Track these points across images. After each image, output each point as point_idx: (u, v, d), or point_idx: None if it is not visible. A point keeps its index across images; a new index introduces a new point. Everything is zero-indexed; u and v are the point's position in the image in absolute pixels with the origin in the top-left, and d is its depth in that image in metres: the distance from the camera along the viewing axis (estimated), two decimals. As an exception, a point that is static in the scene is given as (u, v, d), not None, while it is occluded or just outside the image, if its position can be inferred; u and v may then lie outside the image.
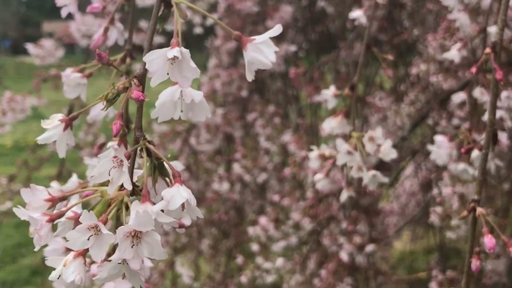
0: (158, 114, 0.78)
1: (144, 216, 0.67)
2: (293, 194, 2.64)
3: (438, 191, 2.11)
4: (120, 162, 0.73)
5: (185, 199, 0.71)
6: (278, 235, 2.60)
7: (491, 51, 1.12)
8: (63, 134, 0.80)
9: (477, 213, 1.07)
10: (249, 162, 2.97)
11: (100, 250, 0.69)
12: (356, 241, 2.24)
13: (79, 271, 0.70)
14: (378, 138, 1.35)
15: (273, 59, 0.79)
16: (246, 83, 3.11)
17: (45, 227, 0.73)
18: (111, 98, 0.77)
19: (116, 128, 0.74)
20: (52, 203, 0.78)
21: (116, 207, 0.73)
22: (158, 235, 0.69)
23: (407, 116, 2.44)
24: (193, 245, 3.43)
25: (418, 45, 2.77)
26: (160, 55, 0.74)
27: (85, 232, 0.68)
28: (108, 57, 0.77)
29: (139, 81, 0.77)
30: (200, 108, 0.79)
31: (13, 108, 2.99)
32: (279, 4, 2.94)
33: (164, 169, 0.78)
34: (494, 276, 2.00)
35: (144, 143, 0.76)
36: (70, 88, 1.02)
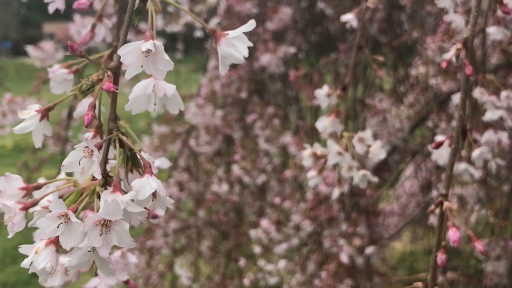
0: (132, 106, 0.79)
1: (112, 205, 0.69)
2: (293, 196, 2.64)
3: (438, 193, 2.10)
4: (91, 152, 0.74)
5: (154, 189, 0.72)
6: (279, 237, 2.61)
7: (462, 46, 1.13)
8: (39, 124, 0.80)
9: (444, 207, 1.08)
10: (249, 163, 2.97)
11: (69, 238, 0.70)
12: (356, 243, 2.24)
13: (50, 258, 0.71)
14: (367, 138, 1.38)
15: (246, 53, 0.81)
16: (246, 85, 3.11)
17: (18, 214, 0.74)
18: (85, 89, 0.79)
19: (88, 118, 0.76)
20: (26, 191, 0.79)
21: (88, 196, 0.75)
22: (127, 224, 0.71)
23: (406, 118, 2.44)
24: (193, 246, 3.43)
25: (418, 47, 2.77)
26: (134, 48, 0.75)
27: (55, 220, 0.70)
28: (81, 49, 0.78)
29: (113, 73, 0.78)
30: (173, 101, 0.80)
31: (13, 110, 2.98)
32: (279, 5, 2.94)
33: (137, 161, 0.79)
34: (495, 277, 2.00)
35: (117, 134, 0.78)
36: (57, 83, 1.02)
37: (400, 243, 4.24)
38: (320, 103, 1.49)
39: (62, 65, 1.04)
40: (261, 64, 2.94)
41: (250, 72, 3.13)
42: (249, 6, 2.84)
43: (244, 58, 0.80)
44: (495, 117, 1.38)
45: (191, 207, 3.42)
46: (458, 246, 1.05)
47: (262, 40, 2.88)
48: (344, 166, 1.38)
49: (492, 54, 1.91)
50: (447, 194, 1.09)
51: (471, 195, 1.94)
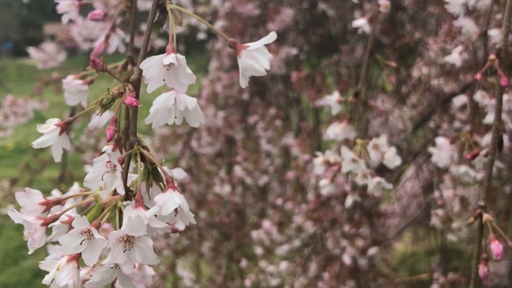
0: (152, 120, 0.79)
1: (136, 221, 0.68)
2: (295, 198, 2.64)
3: (440, 194, 2.11)
4: (114, 167, 0.73)
5: (178, 204, 0.71)
6: (281, 238, 2.61)
7: (495, 57, 1.13)
8: (59, 138, 0.80)
9: (483, 219, 1.07)
10: (250, 164, 2.97)
11: (92, 254, 0.69)
12: (358, 245, 2.24)
13: (72, 275, 0.70)
14: (382, 145, 1.37)
15: (267, 66, 0.80)
16: (248, 86, 3.11)
17: (39, 230, 0.74)
18: (106, 103, 0.78)
19: (110, 133, 0.74)
20: (46, 206, 0.78)
21: (109, 211, 0.74)
22: (151, 240, 0.70)
23: (409, 119, 2.44)
24: (194, 247, 3.43)
25: (420, 48, 2.77)
26: (156, 62, 0.74)
27: (77, 236, 0.69)
28: (103, 63, 0.77)
29: (134, 86, 0.77)
30: (194, 114, 0.80)
31: (15, 112, 2.99)
32: (280, 7, 2.94)
33: (158, 174, 0.78)
34: (496, 278, 2.00)
35: (139, 148, 0.77)
36: (71, 95, 1.02)
37: (401, 244, 4.23)
38: (332, 110, 1.48)
39: (76, 76, 1.03)
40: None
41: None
42: (251, 8, 2.84)
43: (265, 71, 0.80)
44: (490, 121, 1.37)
45: (192, 208, 3.42)
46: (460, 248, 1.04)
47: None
48: (358, 173, 1.37)
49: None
50: (486, 206, 1.08)
51: (473, 196, 1.94)
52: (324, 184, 1.47)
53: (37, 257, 3.32)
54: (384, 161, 1.37)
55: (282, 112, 3.17)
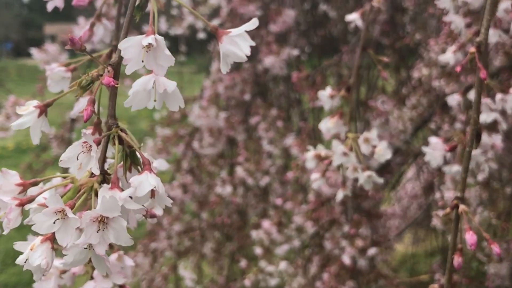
0: (132, 103, 0.78)
1: (110, 201, 0.68)
2: (295, 198, 2.64)
3: (441, 195, 2.12)
4: (89, 147, 0.73)
5: (153, 186, 0.71)
6: (281, 238, 2.61)
7: (475, 50, 1.13)
8: (38, 120, 0.79)
9: (459, 210, 1.08)
10: (252, 165, 2.97)
11: (66, 234, 0.69)
12: (358, 245, 2.24)
13: (45, 255, 0.70)
14: (373, 139, 1.37)
15: (248, 52, 0.79)
16: (249, 87, 3.12)
17: (14, 210, 0.73)
18: (85, 85, 0.78)
19: (87, 113, 0.74)
20: (23, 187, 0.78)
21: (85, 193, 0.73)
22: (125, 221, 0.70)
23: (409, 120, 2.45)
24: (196, 248, 3.43)
25: (420, 49, 2.78)
26: (135, 42, 0.74)
27: (51, 215, 0.68)
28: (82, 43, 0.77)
29: (114, 69, 0.77)
30: (174, 98, 0.79)
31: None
32: (282, 8, 2.95)
33: (136, 158, 0.78)
34: (497, 279, 2.01)
35: (116, 130, 0.76)
36: (54, 82, 1.01)
37: (402, 245, 4.24)
38: (323, 105, 1.48)
39: (60, 63, 1.03)
40: (264, 66, 2.95)
41: (253, 74, 3.14)
42: (253, 9, 2.84)
43: (246, 57, 0.79)
44: (489, 120, 1.38)
45: (194, 209, 3.43)
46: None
47: (266, 42, 2.89)
48: (349, 167, 1.37)
49: (495, 57, 1.92)
50: (463, 197, 1.09)
51: (474, 197, 1.95)
52: (315, 178, 1.47)
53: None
54: (375, 155, 1.37)
55: (284, 113, 3.18)
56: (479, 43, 1.13)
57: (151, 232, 3.37)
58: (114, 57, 0.78)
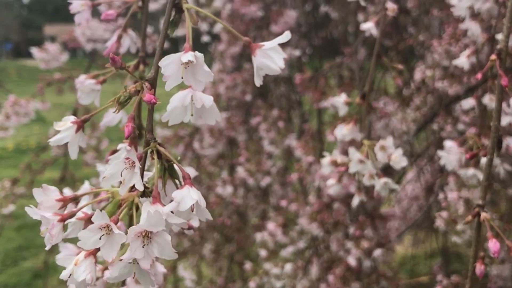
0: (169, 117, 0.80)
1: (155, 217, 0.69)
2: (300, 200, 2.64)
3: (444, 196, 2.11)
4: (132, 163, 0.74)
5: (195, 200, 0.72)
6: (286, 240, 2.60)
7: (496, 57, 1.14)
8: (75, 136, 0.81)
9: (481, 217, 1.08)
10: (253, 166, 2.97)
11: (111, 249, 0.70)
12: (363, 246, 2.24)
13: (90, 270, 0.70)
14: (389, 147, 1.38)
15: (282, 65, 0.81)
16: (250, 88, 3.12)
17: (57, 226, 0.74)
18: (123, 101, 0.79)
19: (128, 130, 0.75)
20: (63, 203, 0.79)
21: (127, 207, 0.75)
22: (169, 235, 0.70)
23: (412, 121, 2.44)
24: (195, 249, 3.42)
25: (422, 50, 2.77)
26: (175, 59, 0.75)
27: (96, 231, 0.70)
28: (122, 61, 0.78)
29: (151, 84, 0.78)
30: (211, 112, 0.80)
31: (17, 112, 2.99)
32: (283, 9, 2.95)
33: (174, 171, 0.79)
34: (499, 281, 2.00)
35: (155, 145, 0.77)
36: (84, 94, 1.03)
37: (401, 246, 4.23)
38: (339, 111, 1.50)
39: (89, 76, 1.05)
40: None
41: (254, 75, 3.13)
42: (254, 9, 2.84)
43: (280, 70, 0.81)
44: (504, 123, 1.36)
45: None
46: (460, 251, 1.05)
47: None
48: (365, 174, 1.39)
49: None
50: (484, 204, 1.09)
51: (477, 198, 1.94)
52: (331, 184, 1.49)
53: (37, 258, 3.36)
54: (391, 162, 1.39)
55: (285, 114, 3.17)
56: (499, 51, 1.14)
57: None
58: (151, 73, 0.80)
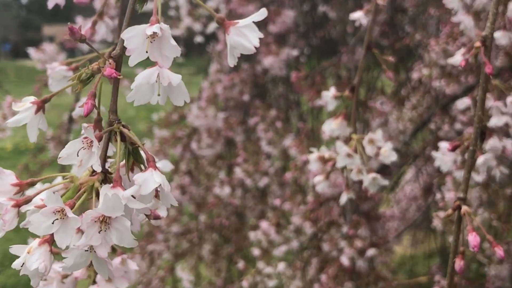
0: (134, 97, 0.73)
1: (113, 200, 0.64)
2: (294, 198, 2.63)
3: (441, 196, 2.10)
4: (90, 143, 0.69)
5: (158, 183, 0.67)
6: (279, 239, 2.59)
7: (481, 44, 1.11)
8: (35, 117, 0.75)
9: (462, 211, 1.05)
10: (251, 166, 2.96)
11: (65, 235, 0.65)
12: (357, 245, 2.23)
13: (44, 258, 0.66)
14: (378, 140, 1.34)
15: (257, 43, 0.74)
16: (248, 88, 3.11)
17: (10, 212, 0.70)
18: (85, 78, 0.73)
19: (88, 107, 0.70)
20: (19, 188, 0.74)
21: (86, 192, 0.69)
22: (128, 221, 0.66)
23: (409, 120, 2.43)
24: (194, 250, 3.42)
25: (419, 50, 2.77)
26: (139, 32, 0.69)
27: (50, 215, 0.64)
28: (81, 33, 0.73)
29: (115, 62, 0.72)
30: (179, 91, 0.74)
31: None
32: (281, 8, 2.94)
33: (139, 155, 0.74)
34: (497, 281, 1.99)
35: (118, 126, 0.71)
36: (55, 81, 0.99)
37: (400, 247, 4.23)
38: (327, 105, 1.46)
39: (61, 62, 1.01)
40: (263, 67, 2.94)
41: (252, 75, 3.13)
42: (252, 9, 2.84)
43: (254, 48, 0.74)
44: (500, 123, 1.33)
45: (192, 211, 3.41)
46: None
47: (265, 43, 2.88)
48: (353, 168, 1.34)
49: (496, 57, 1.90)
50: (465, 197, 1.06)
51: (475, 198, 1.94)
52: (318, 181, 1.44)
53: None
54: (380, 156, 1.34)
55: (283, 114, 3.16)
56: (484, 38, 1.11)
57: (148, 234, 3.35)
58: (116, 50, 0.73)
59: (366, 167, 1.34)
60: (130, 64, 0.72)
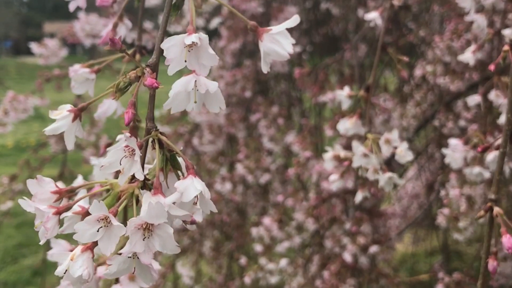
0: (172, 105, 0.74)
1: (156, 208, 0.65)
2: (296, 195, 2.62)
3: (445, 193, 2.10)
4: (132, 151, 0.70)
5: (199, 191, 0.68)
6: (281, 235, 2.59)
7: (509, 48, 1.10)
8: (72, 125, 0.76)
9: (494, 212, 1.04)
10: (252, 162, 2.95)
11: (109, 242, 0.66)
12: (360, 242, 2.22)
13: (87, 265, 0.67)
14: (394, 140, 1.34)
15: (291, 50, 0.76)
16: (250, 84, 3.10)
17: (52, 219, 0.70)
18: (123, 87, 0.75)
19: (129, 116, 0.71)
20: (59, 195, 0.75)
21: (126, 199, 0.70)
22: (171, 228, 0.66)
23: (412, 117, 2.42)
24: (195, 247, 3.41)
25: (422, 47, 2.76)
26: (178, 41, 0.71)
27: (94, 224, 0.65)
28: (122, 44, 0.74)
29: (152, 69, 0.74)
30: (215, 99, 0.75)
31: (15, 108, 2.97)
32: (284, 5, 2.94)
33: (176, 162, 0.74)
34: (501, 278, 1.99)
35: (156, 134, 0.73)
36: (78, 83, 0.99)
37: (402, 244, 4.22)
38: (342, 104, 1.46)
39: (83, 65, 1.01)
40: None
41: (254, 71, 3.12)
42: (255, 5, 2.83)
43: (289, 55, 0.75)
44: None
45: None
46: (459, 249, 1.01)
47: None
48: (369, 168, 1.34)
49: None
50: (497, 199, 1.06)
51: (479, 195, 1.93)
52: (333, 180, 1.45)
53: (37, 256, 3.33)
54: (396, 156, 1.34)
55: (285, 111, 3.16)
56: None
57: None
58: (152, 58, 0.75)
59: (382, 166, 1.34)
60: (169, 73, 0.73)
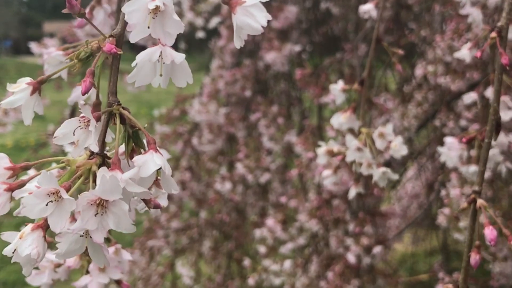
0: (136, 78, 0.69)
1: (111, 182, 0.60)
2: (300, 196, 2.62)
3: (446, 193, 2.09)
4: (88, 122, 0.65)
5: (159, 166, 0.63)
6: (285, 237, 2.58)
7: (497, 35, 1.08)
8: (30, 98, 0.71)
9: (477, 204, 1.01)
10: (252, 162, 2.95)
11: (60, 218, 0.61)
12: (363, 243, 2.21)
13: (36, 244, 0.62)
14: (388, 134, 1.31)
15: (264, 23, 0.70)
16: (250, 83, 3.09)
17: (3, 195, 0.66)
18: (84, 57, 0.69)
19: (86, 85, 0.65)
20: (13, 172, 0.70)
21: (82, 176, 0.65)
22: (126, 205, 0.61)
23: (414, 117, 2.41)
24: (194, 247, 3.41)
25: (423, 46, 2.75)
26: (141, 6, 0.65)
27: (43, 198, 0.60)
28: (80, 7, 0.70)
29: (117, 40, 0.68)
30: (181, 72, 0.70)
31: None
32: (284, 4, 2.93)
33: (139, 139, 0.69)
34: (502, 278, 1.98)
35: (118, 108, 0.67)
36: (51, 66, 0.95)
37: (401, 244, 4.22)
38: (335, 99, 1.43)
39: (58, 48, 0.97)
40: (265, 63, 2.92)
41: (254, 71, 3.11)
42: None
43: (262, 28, 0.70)
44: (507, 118, 1.30)
45: (193, 207, 3.40)
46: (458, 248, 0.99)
47: (267, 38, 2.86)
48: (363, 163, 1.30)
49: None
50: (481, 191, 1.02)
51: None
52: (326, 175, 1.42)
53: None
54: (390, 150, 1.31)
55: (285, 110, 3.15)
56: (500, 28, 1.08)
57: (148, 230, 3.34)
58: (117, 28, 0.69)
59: (376, 161, 1.31)
60: (131, 40, 0.67)
